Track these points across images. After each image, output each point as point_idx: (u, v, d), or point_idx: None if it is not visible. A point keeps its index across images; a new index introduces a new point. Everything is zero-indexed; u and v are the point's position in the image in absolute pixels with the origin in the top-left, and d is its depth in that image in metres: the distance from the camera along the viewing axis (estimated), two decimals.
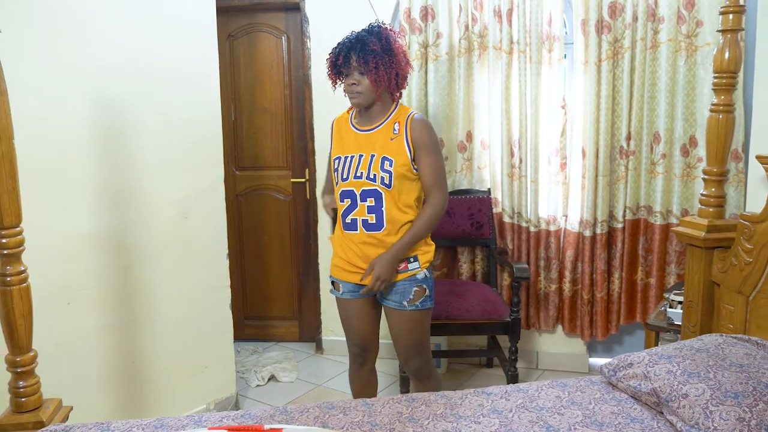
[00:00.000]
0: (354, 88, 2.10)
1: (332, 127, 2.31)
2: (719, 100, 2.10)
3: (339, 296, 2.29)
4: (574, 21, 3.06)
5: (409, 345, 2.24)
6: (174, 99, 2.59)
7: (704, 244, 2.12)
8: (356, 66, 2.07)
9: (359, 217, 2.14)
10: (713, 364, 1.66)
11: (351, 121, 2.24)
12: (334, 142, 2.26)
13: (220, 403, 2.90)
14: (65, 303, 2.26)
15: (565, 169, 3.17)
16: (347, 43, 2.09)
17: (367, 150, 2.14)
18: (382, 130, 2.15)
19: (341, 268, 2.23)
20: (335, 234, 2.28)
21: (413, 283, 2.16)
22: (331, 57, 2.15)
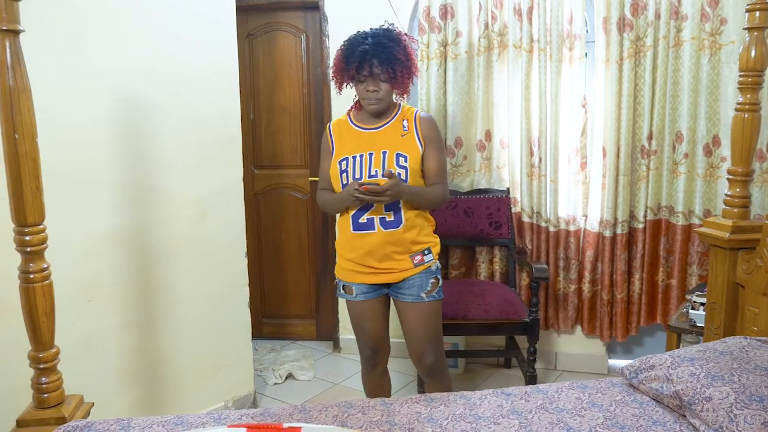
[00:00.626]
0: (374, 94, 2.08)
1: (330, 132, 2.24)
2: (745, 99, 2.06)
3: (352, 299, 2.26)
4: (595, 19, 3.03)
5: (426, 338, 2.24)
6: (194, 98, 2.60)
7: (728, 245, 2.08)
8: (378, 73, 2.05)
9: (376, 216, 2.12)
10: (737, 367, 1.63)
11: (352, 122, 2.22)
12: (336, 145, 2.20)
13: (238, 401, 2.92)
14: (86, 300, 2.29)
15: (586, 168, 3.14)
16: (369, 50, 2.03)
17: (377, 147, 2.12)
18: (390, 127, 2.16)
19: (353, 271, 2.21)
20: (340, 238, 2.25)
21: (429, 275, 2.20)
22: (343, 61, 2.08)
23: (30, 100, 1.51)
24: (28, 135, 1.51)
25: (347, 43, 2.10)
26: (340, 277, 2.28)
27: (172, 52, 2.51)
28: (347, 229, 2.18)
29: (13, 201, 1.53)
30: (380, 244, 2.13)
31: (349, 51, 2.07)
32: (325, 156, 2.24)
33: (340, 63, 2.11)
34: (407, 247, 2.16)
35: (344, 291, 2.27)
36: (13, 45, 1.47)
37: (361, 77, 2.07)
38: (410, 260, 2.17)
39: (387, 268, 2.17)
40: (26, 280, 1.57)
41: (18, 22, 1.46)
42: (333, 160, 2.18)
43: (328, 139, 2.24)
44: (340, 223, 2.24)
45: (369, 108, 2.12)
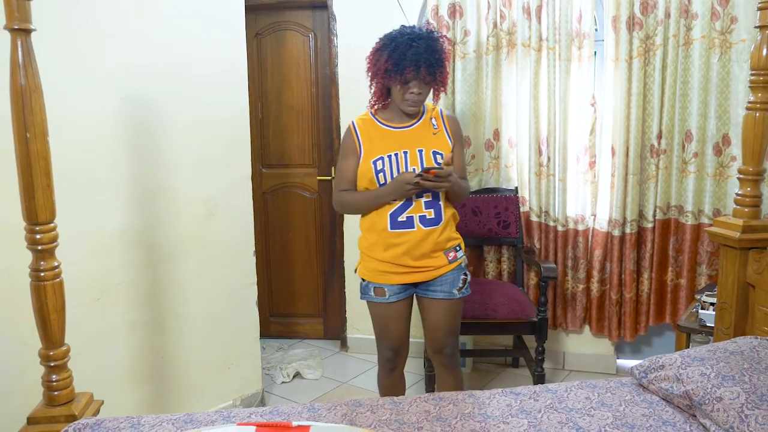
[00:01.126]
0: (418, 97, 2.07)
1: (356, 131, 2.18)
2: (756, 98, 2.05)
3: (383, 301, 2.21)
4: (604, 18, 3.02)
5: (449, 332, 2.26)
6: (202, 97, 2.61)
7: (739, 245, 2.07)
8: (425, 76, 2.04)
9: (416, 214, 2.11)
10: (748, 367, 1.62)
11: (379, 121, 2.19)
12: (364, 145, 2.15)
13: (246, 400, 2.93)
14: (96, 299, 2.30)
15: (594, 167, 3.13)
16: (422, 54, 2.00)
17: (411, 146, 2.12)
18: (421, 125, 2.17)
19: (386, 272, 2.17)
20: (369, 237, 2.20)
21: (460, 272, 2.23)
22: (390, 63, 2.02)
23: (41, 99, 1.52)
24: (40, 134, 1.52)
25: (393, 45, 2.03)
26: (370, 278, 2.21)
27: (180, 52, 2.51)
28: (381, 228, 2.14)
29: (24, 199, 1.54)
30: (419, 242, 2.12)
31: (398, 54, 2.01)
32: (350, 155, 2.18)
33: (386, 64, 2.03)
34: (443, 245, 2.17)
35: (374, 293, 2.21)
36: (25, 44, 1.47)
37: (407, 79, 2.03)
38: (445, 257, 2.18)
39: (422, 266, 2.16)
40: (37, 278, 1.58)
41: (29, 22, 1.47)
42: (364, 160, 2.13)
43: (354, 138, 2.17)
44: (368, 223, 2.19)
45: (408, 109, 2.11)
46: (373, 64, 2.10)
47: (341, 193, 2.22)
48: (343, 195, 2.21)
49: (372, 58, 2.12)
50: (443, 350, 2.28)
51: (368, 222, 2.19)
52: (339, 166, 2.22)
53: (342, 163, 2.21)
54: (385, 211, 2.13)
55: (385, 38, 2.09)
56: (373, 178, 2.12)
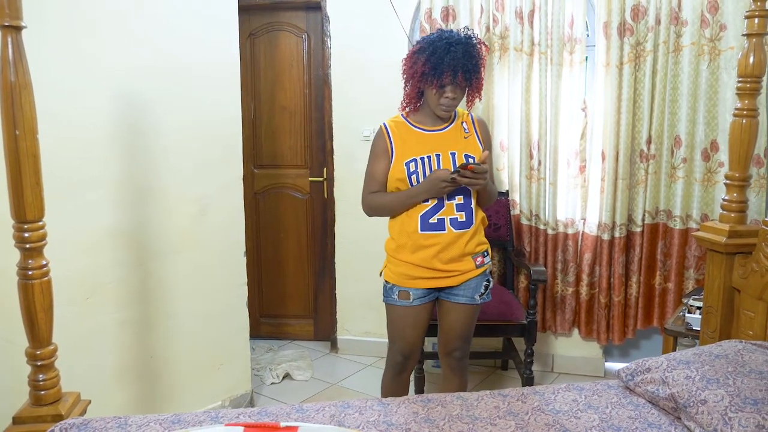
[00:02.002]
0: (453, 102, 2.06)
1: (388, 133, 2.15)
2: (743, 105, 2.07)
3: (407, 305, 2.18)
4: (596, 23, 3.04)
5: (464, 336, 2.27)
6: (195, 97, 2.61)
7: (725, 250, 2.09)
8: (460, 83, 2.02)
9: (447, 216, 2.10)
10: (732, 370, 1.64)
11: (411, 123, 2.16)
12: (396, 147, 2.12)
13: (235, 400, 2.92)
14: (85, 298, 2.30)
15: (585, 171, 3.15)
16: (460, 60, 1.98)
17: (443, 149, 2.11)
18: (453, 129, 2.16)
19: (414, 276, 2.15)
20: (398, 240, 2.17)
21: (484, 278, 2.23)
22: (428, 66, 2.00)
23: (31, 96, 1.51)
24: (29, 131, 1.52)
25: (431, 48, 2.01)
26: (396, 281, 2.18)
27: (173, 52, 2.51)
28: (411, 230, 2.12)
29: (12, 197, 1.53)
30: (449, 245, 2.11)
31: (436, 58, 1.99)
32: (381, 157, 2.15)
33: (423, 68, 2.01)
34: (472, 249, 2.16)
35: (398, 297, 2.18)
36: (15, 41, 1.47)
37: (443, 83, 2.02)
38: (473, 261, 2.17)
39: (450, 270, 2.15)
40: (25, 276, 1.57)
41: (20, 19, 1.47)
42: (396, 162, 2.11)
43: (385, 139, 2.14)
44: (398, 225, 2.16)
45: (442, 114, 2.09)
46: (410, 66, 2.08)
47: (372, 195, 2.18)
48: (374, 197, 2.18)
49: (409, 60, 2.09)
50: (453, 353, 2.30)
51: (398, 224, 2.16)
52: (369, 168, 2.19)
53: (373, 165, 2.17)
54: (415, 213, 2.11)
55: (423, 41, 2.07)
56: (406, 180, 2.10)
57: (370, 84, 3.40)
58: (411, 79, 2.09)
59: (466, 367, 2.35)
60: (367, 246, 3.51)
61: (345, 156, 3.51)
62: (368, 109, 3.42)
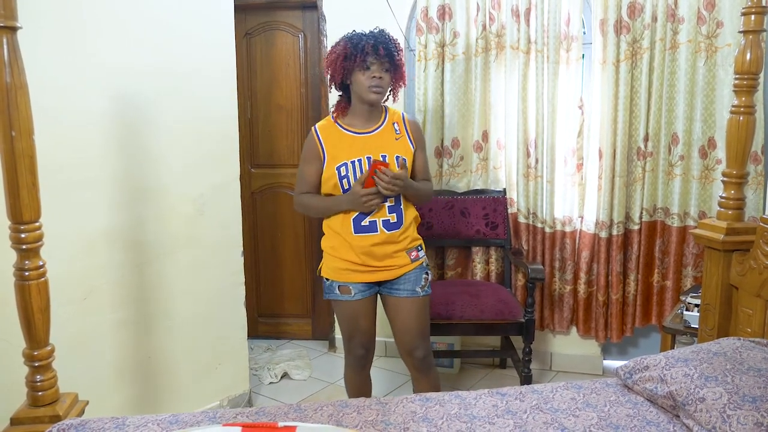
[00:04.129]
0: (380, 82, 2.10)
1: (318, 137, 2.21)
2: (740, 102, 2.08)
3: (349, 299, 2.26)
4: (592, 21, 3.04)
5: (418, 332, 2.30)
6: (191, 96, 2.60)
7: (723, 247, 2.10)
8: (384, 61, 2.08)
9: (379, 218, 2.18)
10: (731, 368, 1.64)
11: (342, 126, 2.21)
12: (327, 150, 2.18)
13: (233, 400, 2.92)
14: (82, 298, 2.29)
15: (582, 169, 3.15)
16: (378, 38, 2.08)
17: (374, 151, 2.17)
18: (383, 131, 2.22)
19: (350, 270, 2.23)
20: (332, 240, 2.25)
21: (422, 271, 2.30)
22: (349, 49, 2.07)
23: (27, 96, 1.51)
24: (25, 132, 1.51)
25: (349, 37, 2.12)
26: (334, 277, 2.27)
27: (169, 51, 2.51)
28: (345, 231, 2.20)
29: (9, 198, 1.53)
30: (382, 245, 2.19)
31: (355, 41, 2.08)
32: (311, 161, 2.22)
33: (344, 51, 2.09)
34: (405, 245, 2.24)
35: (339, 291, 2.27)
36: (11, 42, 1.46)
37: (367, 63, 2.07)
38: (407, 256, 2.25)
39: (386, 265, 2.23)
40: (21, 277, 1.57)
41: (15, 19, 1.46)
42: (327, 166, 2.18)
43: (316, 143, 2.21)
44: (332, 225, 2.25)
45: (371, 97, 2.11)
46: (332, 60, 2.13)
47: (302, 195, 2.29)
48: (304, 198, 2.28)
49: (329, 56, 2.16)
50: (414, 353, 2.30)
51: (334, 224, 2.24)
52: (300, 170, 2.27)
53: (304, 168, 2.25)
54: (348, 216, 2.18)
55: (342, 38, 2.15)
56: (338, 184, 2.17)
57: None
58: (333, 65, 2.12)
59: (432, 365, 2.36)
60: None
61: None
62: None
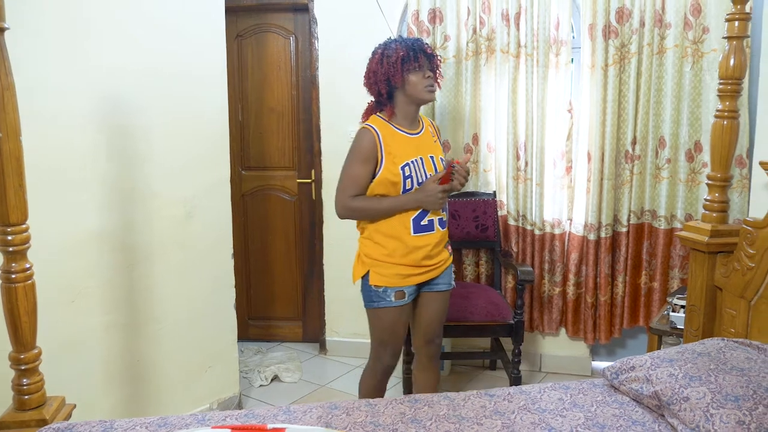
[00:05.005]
0: (431, 81, 2.16)
1: (379, 137, 2.13)
2: (724, 106, 2.10)
3: (402, 303, 2.20)
4: (581, 25, 3.06)
5: (442, 322, 2.38)
6: (182, 98, 2.60)
7: (707, 249, 2.12)
8: (431, 61, 2.17)
9: (436, 217, 2.20)
10: (714, 367, 1.66)
11: (396, 127, 2.19)
12: (386, 150, 2.12)
13: (223, 403, 2.91)
14: (69, 301, 2.28)
15: (571, 172, 3.18)
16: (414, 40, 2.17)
17: (425, 152, 2.21)
18: (425, 133, 2.27)
19: (405, 275, 2.18)
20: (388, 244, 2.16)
21: (451, 265, 2.38)
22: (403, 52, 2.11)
23: (15, 97, 1.50)
24: (13, 133, 1.51)
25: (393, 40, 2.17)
26: (390, 283, 2.18)
27: (160, 52, 2.50)
28: (404, 233, 2.15)
29: None
30: (437, 243, 2.22)
31: (404, 44, 2.13)
32: (369, 161, 2.12)
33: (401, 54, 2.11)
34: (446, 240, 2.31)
35: (395, 298, 2.19)
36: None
37: (420, 62, 2.13)
38: (447, 251, 2.32)
39: (436, 263, 2.25)
40: (8, 280, 1.56)
41: (3, 19, 1.46)
42: (389, 165, 2.11)
43: (376, 143, 2.11)
44: (383, 229, 2.16)
45: (428, 96, 2.17)
46: (385, 65, 2.13)
47: (354, 198, 2.14)
48: (358, 201, 2.14)
49: (378, 63, 2.15)
50: (435, 340, 2.38)
51: (388, 228, 2.16)
52: (353, 172, 2.14)
53: (357, 169, 2.13)
54: (407, 217, 2.15)
55: (382, 43, 2.19)
56: (399, 183, 2.12)
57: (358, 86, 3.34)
58: (393, 71, 2.12)
59: (439, 355, 2.45)
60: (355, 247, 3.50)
61: (333, 157, 3.51)
62: (356, 110, 3.36)
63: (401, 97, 2.18)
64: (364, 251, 2.24)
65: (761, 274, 1.95)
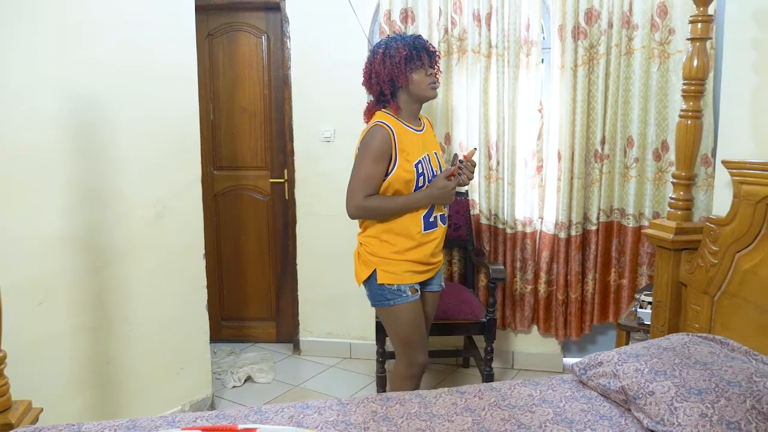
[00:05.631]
0: (435, 79, 2.19)
1: (394, 135, 2.11)
2: (688, 106, 2.15)
3: (418, 298, 2.23)
4: (551, 26, 3.10)
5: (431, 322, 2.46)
6: (151, 97, 2.57)
7: (672, 246, 2.17)
8: (433, 59, 2.20)
9: (439, 213, 2.24)
10: (679, 362, 1.70)
11: (405, 124, 2.19)
12: (400, 148, 2.11)
13: (195, 405, 2.89)
14: (36, 303, 2.23)
15: (542, 171, 3.22)
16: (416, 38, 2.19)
17: (429, 149, 2.25)
18: (428, 130, 2.32)
19: (416, 272, 2.22)
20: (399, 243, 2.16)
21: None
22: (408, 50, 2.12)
23: None
24: None
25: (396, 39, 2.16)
26: (404, 281, 2.18)
27: (128, 50, 2.46)
28: (416, 230, 2.16)
29: None
30: (441, 239, 2.28)
31: (409, 42, 2.15)
32: (383, 159, 2.10)
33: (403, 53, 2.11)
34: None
35: (411, 293, 2.20)
36: None
37: (423, 61, 2.15)
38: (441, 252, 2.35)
39: (437, 261, 2.31)
40: None
41: None
42: (403, 163, 2.11)
43: (390, 142, 2.09)
44: (395, 228, 2.16)
45: (432, 93, 2.20)
46: (388, 64, 2.13)
47: (370, 198, 2.12)
48: (371, 201, 2.12)
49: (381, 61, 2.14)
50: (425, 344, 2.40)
51: (400, 227, 2.16)
52: (367, 171, 2.10)
53: (372, 168, 2.10)
54: (419, 215, 2.18)
55: (382, 43, 2.19)
56: (413, 181, 2.14)
57: (331, 85, 3.40)
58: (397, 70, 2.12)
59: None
60: (329, 247, 3.51)
61: (305, 157, 3.50)
62: (328, 110, 3.42)
63: (404, 95, 2.20)
64: (367, 250, 2.21)
65: (723, 270, 2.01)
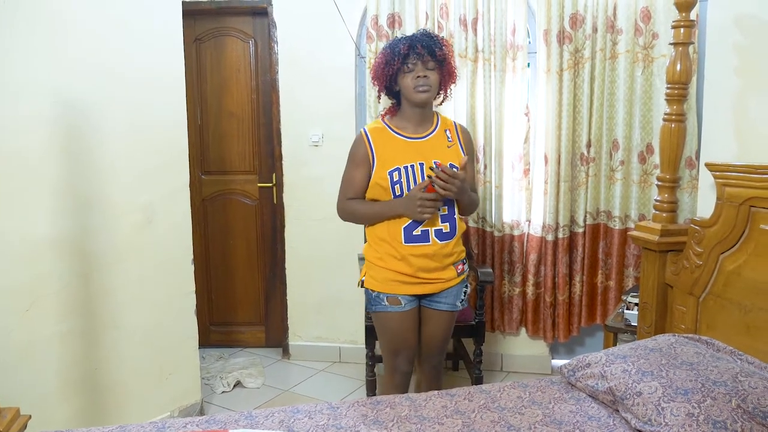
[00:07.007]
0: (425, 80, 2.03)
1: (368, 140, 2.11)
2: (671, 110, 2.18)
3: (400, 310, 2.15)
4: (537, 31, 3.13)
5: (441, 343, 2.29)
6: (139, 101, 2.56)
7: (658, 248, 2.20)
8: (427, 59, 2.03)
9: (431, 227, 2.08)
10: (666, 362, 1.72)
11: (393, 130, 2.13)
12: (378, 154, 2.09)
13: (184, 410, 2.87)
14: (24, 309, 2.22)
15: (529, 174, 3.24)
16: (416, 37, 2.05)
17: (427, 157, 2.08)
18: (435, 137, 2.15)
19: (400, 282, 2.13)
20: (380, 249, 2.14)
21: (463, 284, 2.25)
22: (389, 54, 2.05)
23: None
24: None
25: (387, 44, 2.10)
26: (382, 289, 2.14)
27: (116, 55, 2.45)
28: (393, 240, 2.09)
29: None
30: (433, 256, 2.10)
31: (393, 44, 2.06)
32: (360, 164, 2.11)
33: (383, 58, 2.07)
34: (454, 258, 2.17)
35: (388, 302, 2.15)
36: None
37: (410, 65, 2.03)
38: (454, 269, 2.18)
39: (434, 278, 2.15)
40: None
41: None
42: (379, 169, 2.08)
43: (365, 146, 2.10)
44: (378, 233, 2.14)
45: (419, 97, 2.05)
46: (374, 70, 2.12)
47: (348, 201, 2.16)
48: (350, 204, 2.15)
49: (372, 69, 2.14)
50: (431, 361, 2.32)
51: (380, 233, 2.13)
52: (348, 174, 2.15)
53: (351, 172, 2.14)
54: (398, 225, 2.08)
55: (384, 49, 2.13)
56: (389, 189, 2.07)
57: (318, 89, 3.41)
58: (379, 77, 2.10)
59: (441, 372, 2.39)
60: (318, 251, 3.51)
61: (293, 161, 3.51)
62: (316, 114, 3.43)
63: (404, 99, 2.13)
64: (365, 253, 2.24)
65: (708, 271, 2.04)
